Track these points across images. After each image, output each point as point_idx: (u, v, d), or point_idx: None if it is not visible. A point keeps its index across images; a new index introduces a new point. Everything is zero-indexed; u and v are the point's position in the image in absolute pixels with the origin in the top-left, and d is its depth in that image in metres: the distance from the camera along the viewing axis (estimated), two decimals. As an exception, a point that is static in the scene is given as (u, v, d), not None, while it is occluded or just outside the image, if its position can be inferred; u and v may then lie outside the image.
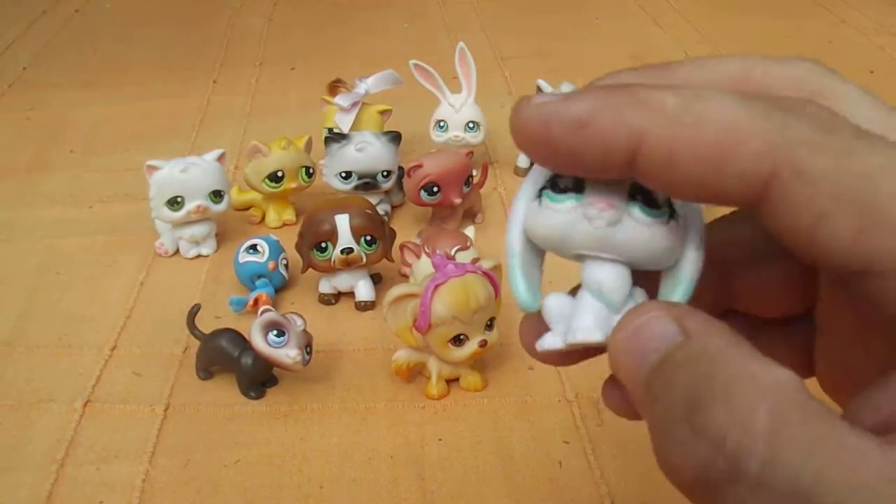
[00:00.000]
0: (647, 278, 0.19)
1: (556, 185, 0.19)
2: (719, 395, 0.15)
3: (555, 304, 0.19)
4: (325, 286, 0.56)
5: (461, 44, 0.68)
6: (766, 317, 0.22)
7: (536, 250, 0.20)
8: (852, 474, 0.14)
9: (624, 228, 0.18)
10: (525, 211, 0.19)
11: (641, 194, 0.18)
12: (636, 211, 0.18)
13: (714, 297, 0.21)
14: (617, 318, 0.19)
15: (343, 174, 0.62)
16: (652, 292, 0.20)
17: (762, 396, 0.15)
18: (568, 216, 0.18)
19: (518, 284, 0.20)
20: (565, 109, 0.17)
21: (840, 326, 0.20)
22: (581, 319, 0.19)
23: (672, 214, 0.18)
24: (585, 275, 0.19)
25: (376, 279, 0.58)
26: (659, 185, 0.17)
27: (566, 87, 0.67)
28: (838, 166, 0.15)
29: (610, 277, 0.19)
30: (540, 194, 0.19)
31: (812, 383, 0.19)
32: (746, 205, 0.16)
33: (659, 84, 0.17)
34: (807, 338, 0.21)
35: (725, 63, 0.18)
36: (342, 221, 0.52)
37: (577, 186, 0.18)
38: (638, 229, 0.18)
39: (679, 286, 0.19)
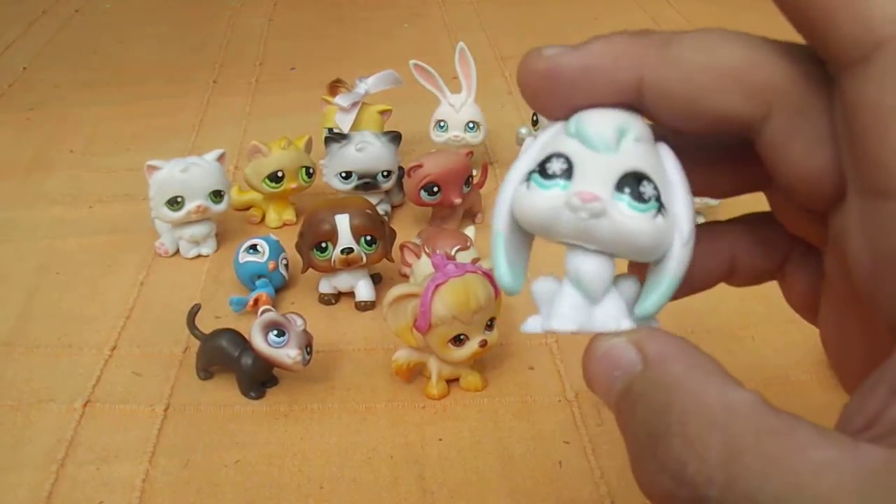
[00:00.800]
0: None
1: (545, 170, 0.18)
2: (675, 426, 0.15)
3: (542, 289, 0.20)
4: (325, 286, 0.56)
5: (461, 44, 0.68)
6: (788, 229, 0.21)
7: (523, 233, 0.20)
8: (812, 492, 0.14)
9: (608, 221, 0.18)
10: (513, 192, 0.19)
11: (630, 187, 0.18)
12: (622, 205, 0.18)
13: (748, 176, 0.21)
14: (596, 309, 0.19)
15: (343, 174, 0.62)
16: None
17: (715, 424, 0.15)
18: (553, 203, 0.18)
19: (500, 266, 0.20)
20: (575, 56, 0.18)
21: (836, 283, 0.20)
22: (558, 307, 0.19)
23: (660, 209, 0.18)
24: (567, 263, 0.19)
25: (376, 279, 0.58)
26: (666, 118, 0.18)
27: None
28: (827, 105, 0.16)
29: (590, 269, 0.19)
30: (529, 177, 0.19)
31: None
32: (746, 126, 0.17)
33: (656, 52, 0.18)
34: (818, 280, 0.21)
35: (729, 46, 0.18)
36: (342, 221, 0.52)
37: (565, 173, 0.18)
38: (623, 222, 0.18)
39: (663, 282, 0.19)
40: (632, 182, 0.18)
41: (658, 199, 0.18)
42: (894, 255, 0.15)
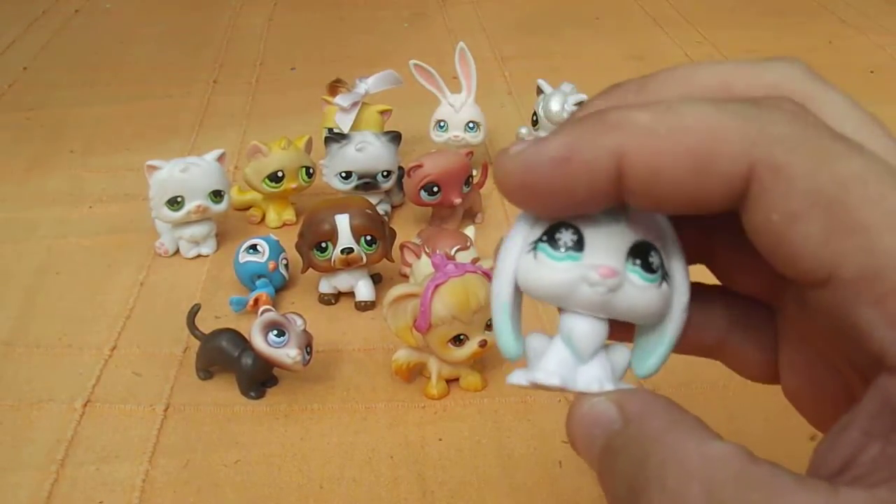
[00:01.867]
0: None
1: (555, 241, 0.18)
2: (653, 480, 0.15)
3: (535, 345, 0.20)
4: (325, 286, 0.56)
5: (461, 44, 0.68)
6: (739, 290, 0.21)
7: (519, 298, 0.20)
8: None
9: (623, 293, 0.18)
10: (516, 263, 0.19)
11: (640, 258, 0.18)
12: (635, 276, 0.18)
13: (691, 248, 0.21)
14: (582, 368, 0.19)
15: (343, 174, 0.62)
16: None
17: (694, 476, 0.15)
18: (569, 276, 0.18)
19: (506, 336, 0.20)
20: (544, 150, 0.17)
21: (800, 338, 0.20)
22: (545, 362, 0.19)
23: (664, 277, 0.19)
24: (561, 322, 0.19)
25: (376, 279, 0.58)
26: (647, 202, 0.17)
27: (566, 88, 0.67)
28: (814, 167, 0.15)
29: (583, 331, 0.19)
30: (535, 247, 0.19)
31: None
32: (729, 208, 0.16)
33: (630, 103, 0.17)
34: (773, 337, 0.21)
35: (700, 72, 0.18)
36: (342, 221, 0.52)
37: (576, 245, 0.18)
38: (636, 294, 0.18)
39: (663, 344, 0.19)
40: (641, 253, 0.18)
41: (662, 266, 0.19)
42: (840, 328, 0.16)
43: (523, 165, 0.17)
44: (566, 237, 0.18)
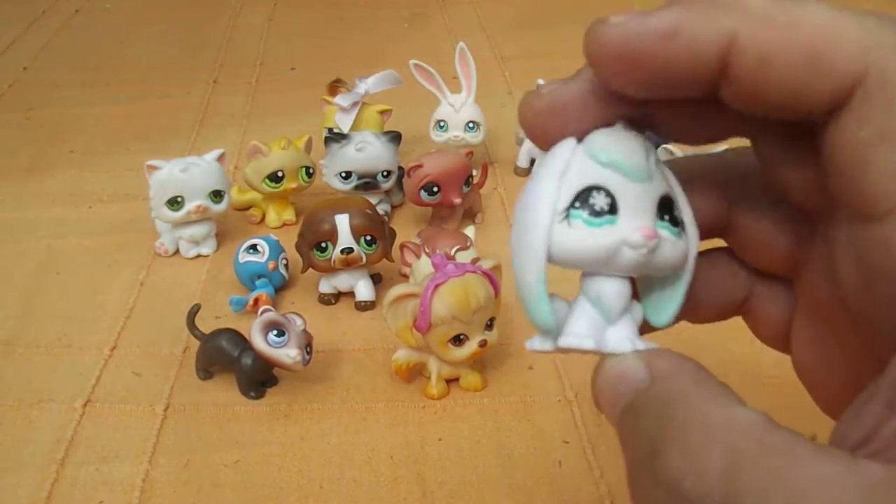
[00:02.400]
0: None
1: (591, 206, 0.18)
2: (675, 440, 0.15)
3: (555, 308, 0.19)
4: (325, 286, 0.56)
5: (461, 44, 0.68)
6: (754, 265, 0.22)
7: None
8: None
9: (660, 251, 0.18)
10: (547, 232, 0.18)
11: (667, 213, 0.18)
12: (665, 232, 0.18)
13: (711, 222, 0.21)
14: (610, 330, 0.19)
15: (343, 174, 0.62)
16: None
17: (716, 439, 0.15)
18: (609, 241, 0.18)
19: (544, 308, 0.19)
20: (651, 22, 0.16)
21: (818, 304, 0.20)
22: (575, 325, 0.19)
23: (682, 227, 0.19)
24: (586, 284, 0.19)
25: (376, 279, 0.58)
26: (747, 95, 0.16)
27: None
28: None
29: (613, 290, 0.19)
30: (568, 214, 0.18)
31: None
32: (823, 114, 0.16)
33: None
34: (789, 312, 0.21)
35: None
36: (342, 221, 0.52)
37: (611, 208, 0.18)
38: (669, 249, 0.18)
39: (677, 293, 0.19)
40: (667, 208, 0.18)
41: (681, 217, 0.19)
42: (881, 273, 0.16)
43: (626, 35, 0.16)
44: (601, 201, 0.18)
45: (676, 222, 0.18)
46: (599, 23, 0.17)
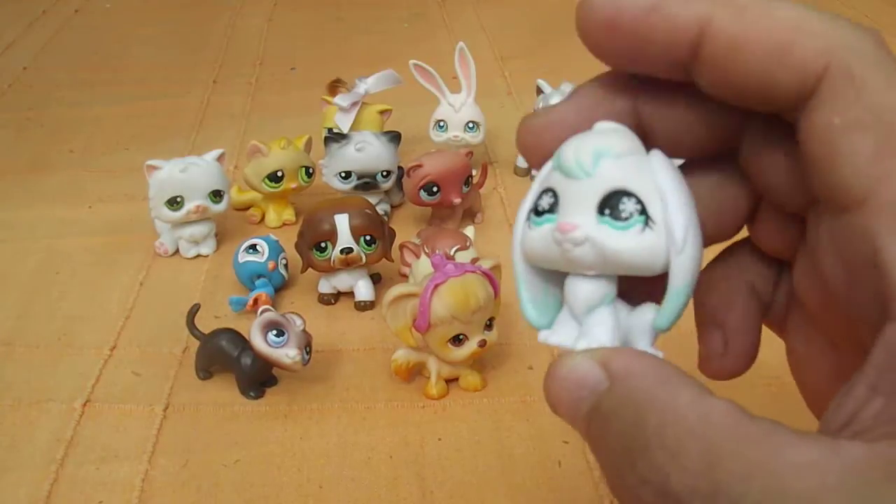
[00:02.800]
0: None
1: (537, 207, 0.19)
2: (653, 439, 0.15)
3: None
4: (325, 286, 0.56)
5: (461, 44, 0.68)
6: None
7: (544, 269, 0.20)
8: (796, 492, 0.14)
9: (591, 245, 0.18)
10: (521, 233, 0.20)
11: (610, 207, 0.18)
12: (606, 227, 0.18)
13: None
14: (585, 327, 0.19)
15: (343, 174, 0.62)
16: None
17: (693, 432, 0.15)
18: (544, 239, 0.19)
19: (524, 304, 0.20)
20: (632, 1, 0.17)
21: (807, 299, 0.20)
22: (556, 322, 0.20)
23: (646, 222, 0.18)
24: (565, 286, 0.20)
25: (376, 279, 0.58)
26: (716, 80, 0.17)
27: (567, 88, 0.67)
28: (885, 87, 0.16)
29: (574, 289, 0.19)
30: (528, 217, 0.20)
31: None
32: (790, 105, 0.17)
33: None
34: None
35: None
36: (342, 221, 0.52)
37: (552, 207, 0.19)
38: (605, 244, 0.18)
39: (669, 296, 0.19)
40: (612, 202, 0.18)
41: (643, 212, 0.18)
42: (861, 262, 0.16)
43: (612, 5, 0.18)
44: (544, 201, 0.19)
45: (623, 216, 0.18)
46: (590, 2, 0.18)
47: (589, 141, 0.19)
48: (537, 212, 0.19)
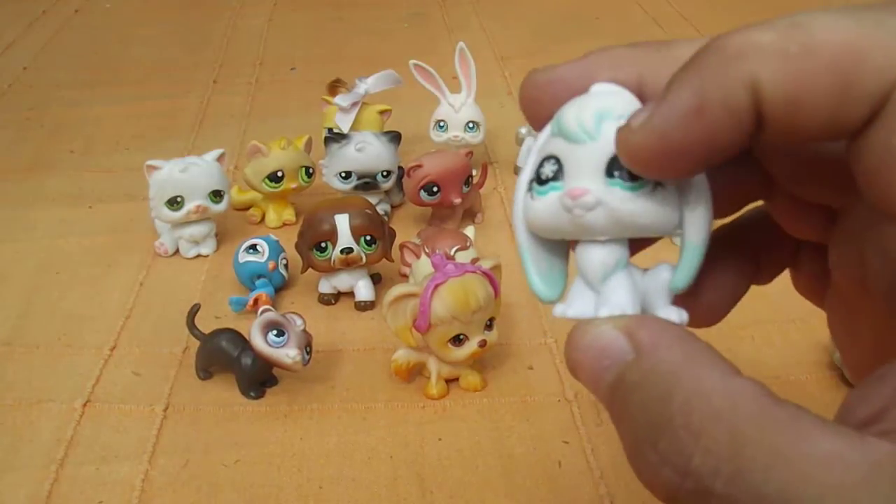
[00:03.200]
0: None
1: (539, 176, 0.19)
2: (678, 418, 0.15)
3: (577, 281, 0.20)
4: (325, 286, 0.56)
5: (461, 44, 0.68)
6: (792, 232, 0.21)
7: (551, 240, 0.20)
8: (819, 484, 0.14)
9: (604, 210, 0.18)
10: (522, 205, 0.20)
11: (619, 169, 0.18)
12: (617, 189, 0.18)
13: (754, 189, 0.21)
14: (600, 297, 0.19)
15: (343, 174, 0.62)
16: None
17: (719, 415, 0.15)
18: (552, 208, 0.18)
19: (531, 277, 0.20)
20: (671, 109, 0.16)
21: (845, 281, 0.20)
22: (569, 294, 0.20)
23: (658, 182, 0.18)
24: (576, 254, 0.19)
25: (376, 279, 0.58)
26: (788, 134, 0.16)
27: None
28: None
29: (586, 256, 0.19)
30: (530, 187, 0.19)
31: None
32: (857, 131, 0.15)
33: (746, 25, 0.16)
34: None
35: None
36: (342, 221, 0.52)
37: (557, 174, 0.18)
38: (619, 207, 0.18)
39: (684, 254, 0.18)
40: (620, 163, 0.18)
41: None
42: None
43: (654, 134, 0.16)
44: (547, 169, 0.18)
45: (634, 177, 0.18)
46: (625, 129, 0.17)
47: (590, 103, 0.18)
48: (540, 181, 0.19)
